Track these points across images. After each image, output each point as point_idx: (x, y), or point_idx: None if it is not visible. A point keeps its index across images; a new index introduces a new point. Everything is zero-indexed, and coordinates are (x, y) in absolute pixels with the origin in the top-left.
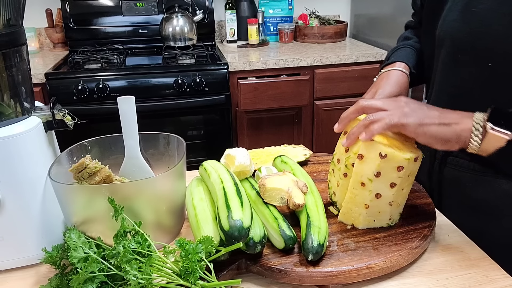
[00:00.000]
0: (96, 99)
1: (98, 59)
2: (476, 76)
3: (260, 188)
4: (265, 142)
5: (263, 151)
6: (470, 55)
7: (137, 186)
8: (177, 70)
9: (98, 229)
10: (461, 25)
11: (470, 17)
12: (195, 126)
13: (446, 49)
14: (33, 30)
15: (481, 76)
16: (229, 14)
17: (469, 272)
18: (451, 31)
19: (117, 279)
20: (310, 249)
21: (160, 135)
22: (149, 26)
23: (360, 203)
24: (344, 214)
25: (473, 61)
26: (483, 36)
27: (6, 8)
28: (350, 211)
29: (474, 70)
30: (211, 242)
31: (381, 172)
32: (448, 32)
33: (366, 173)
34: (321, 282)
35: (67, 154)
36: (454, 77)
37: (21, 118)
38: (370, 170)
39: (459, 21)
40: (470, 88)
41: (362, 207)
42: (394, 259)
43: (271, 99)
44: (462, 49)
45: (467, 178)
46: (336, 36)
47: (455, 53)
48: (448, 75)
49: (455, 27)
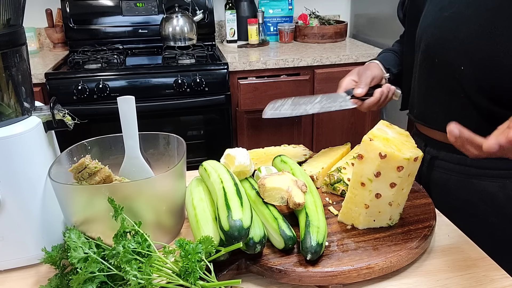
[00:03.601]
0: (96, 99)
1: (98, 59)
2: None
3: (260, 188)
4: (265, 142)
5: (263, 151)
6: (442, 58)
7: (137, 186)
8: (177, 70)
9: (98, 229)
10: (433, 30)
11: (441, 22)
12: (195, 126)
13: (422, 53)
14: (33, 30)
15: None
16: (229, 14)
17: (469, 272)
18: (425, 36)
19: (117, 279)
20: (309, 249)
21: (160, 135)
22: (149, 26)
23: (360, 203)
24: (344, 214)
25: (445, 64)
26: (453, 40)
27: (6, 8)
28: (350, 211)
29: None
30: (211, 242)
31: (381, 172)
32: (423, 37)
33: (366, 173)
34: (321, 282)
35: (67, 154)
36: (429, 77)
37: (21, 118)
38: (370, 170)
39: (432, 26)
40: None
41: (362, 207)
42: (394, 259)
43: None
44: (434, 54)
45: (453, 181)
46: (336, 36)
47: (430, 57)
48: (423, 75)
49: (428, 31)
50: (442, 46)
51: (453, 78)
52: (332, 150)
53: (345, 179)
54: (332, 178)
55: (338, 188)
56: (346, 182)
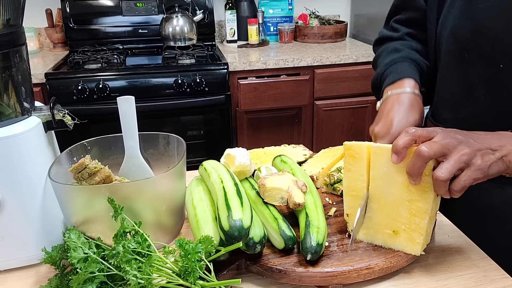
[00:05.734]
0: (96, 99)
1: (98, 59)
2: (481, 74)
3: (260, 188)
4: (265, 142)
5: (263, 151)
6: (475, 53)
7: (137, 186)
8: (177, 70)
9: (98, 229)
10: (465, 23)
11: (474, 14)
12: (195, 126)
13: (450, 47)
14: (33, 30)
15: (487, 74)
16: (229, 14)
17: (469, 272)
18: (455, 30)
19: (117, 279)
20: (309, 249)
21: (160, 135)
22: (149, 26)
23: (434, 215)
24: (424, 243)
25: (478, 59)
26: (488, 33)
27: (6, 8)
28: (428, 234)
29: (479, 67)
30: (211, 242)
31: None
32: (453, 30)
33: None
34: (321, 282)
35: (67, 154)
36: (455, 76)
37: (21, 118)
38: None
39: (463, 19)
40: (472, 86)
41: (435, 217)
42: (394, 259)
43: (271, 99)
44: (467, 48)
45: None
46: (336, 36)
47: (460, 52)
48: (451, 74)
49: (459, 25)
50: (475, 40)
51: (485, 74)
52: (332, 150)
53: None
54: (332, 178)
55: (338, 188)
56: None
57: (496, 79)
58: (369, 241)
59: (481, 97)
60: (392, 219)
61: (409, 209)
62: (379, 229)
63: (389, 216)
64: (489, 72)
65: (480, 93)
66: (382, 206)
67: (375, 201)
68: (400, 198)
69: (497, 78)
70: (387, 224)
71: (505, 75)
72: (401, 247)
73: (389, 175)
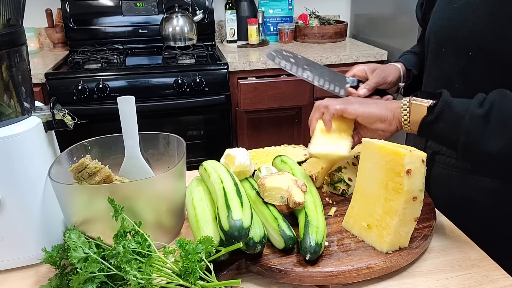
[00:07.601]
0: (96, 99)
1: (98, 59)
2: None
3: (260, 187)
4: (265, 142)
5: (263, 151)
6: (449, 47)
7: (137, 186)
8: (177, 70)
9: (98, 229)
10: (442, 22)
11: (450, 13)
12: (195, 126)
13: (431, 46)
14: (33, 30)
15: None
16: (229, 14)
17: (469, 272)
18: (435, 29)
19: (117, 279)
20: (308, 249)
21: (160, 135)
22: (149, 26)
23: (410, 220)
24: (391, 243)
25: (452, 52)
26: (460, 27)
27: (6, 8)
28: (399, 236)
29: (453, 59)
30: (211, 242)
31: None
32: (433, 30)
33: (418, 185)
34: (321, 282)
35: (67, 154)
36: (436, 70)
37: (21, 118)
38: (420, 181)
39: (441, 19)
40: (450, 77)
41: (412, 222)
42: (394, 259)
43: (271, 99)
44: (442, 43)
45: (453, 176)
46: (336, 36)
47: (438, 47)
48: (431, 68)
49: (438, 24)
50: (449, 35)
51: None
52: None
53: (345, 179)
54: (332, 177)
55: (338, 187)
56: (347, 182)
57: (470, 70)
58: (348, 229)
59: (460, 89)
60: (369, 213)
61: (383, 207)
62: (357, 220)
63: (367, 210)
64: (462, 63)
65: (459, 85)
66: (363, 199)
67: (359, 193)
68: (378, 194)
69: (471, 69)
70: (364, 217)
71: (475, 64)
72: (371, 242)
73: (372, 170)
